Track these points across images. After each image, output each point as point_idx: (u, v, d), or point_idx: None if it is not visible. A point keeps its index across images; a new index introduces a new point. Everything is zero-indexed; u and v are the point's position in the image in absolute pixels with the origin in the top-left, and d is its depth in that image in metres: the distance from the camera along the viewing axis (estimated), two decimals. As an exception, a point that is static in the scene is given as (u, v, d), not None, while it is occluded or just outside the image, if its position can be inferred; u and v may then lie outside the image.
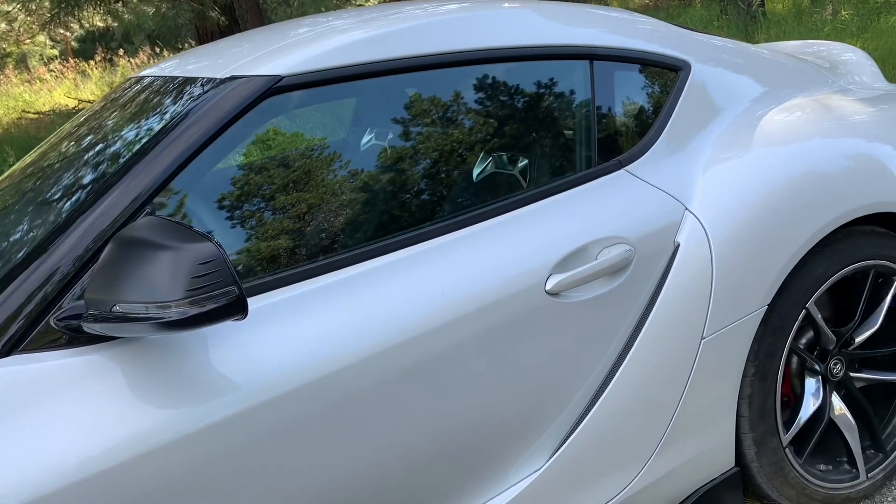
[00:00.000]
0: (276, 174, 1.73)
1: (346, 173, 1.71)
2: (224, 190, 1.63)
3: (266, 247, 1.45)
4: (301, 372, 1.29)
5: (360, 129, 2.08)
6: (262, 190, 1.63)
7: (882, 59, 5.83)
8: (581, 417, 1.57)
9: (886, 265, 1.85)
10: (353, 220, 1.54)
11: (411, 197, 1.61)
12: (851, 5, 8.88)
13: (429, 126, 1.70)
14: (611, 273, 1.56)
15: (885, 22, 7.62)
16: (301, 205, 1.54)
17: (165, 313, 1.08)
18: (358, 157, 2.02)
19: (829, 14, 8.06)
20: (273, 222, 1.50)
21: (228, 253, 1.41)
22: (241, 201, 1.56)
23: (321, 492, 1.33)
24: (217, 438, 1.22)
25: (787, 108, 1.93)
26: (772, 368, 1.72)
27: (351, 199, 1.57)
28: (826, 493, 1.87)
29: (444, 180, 1.64)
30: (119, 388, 1.19)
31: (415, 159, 1.67)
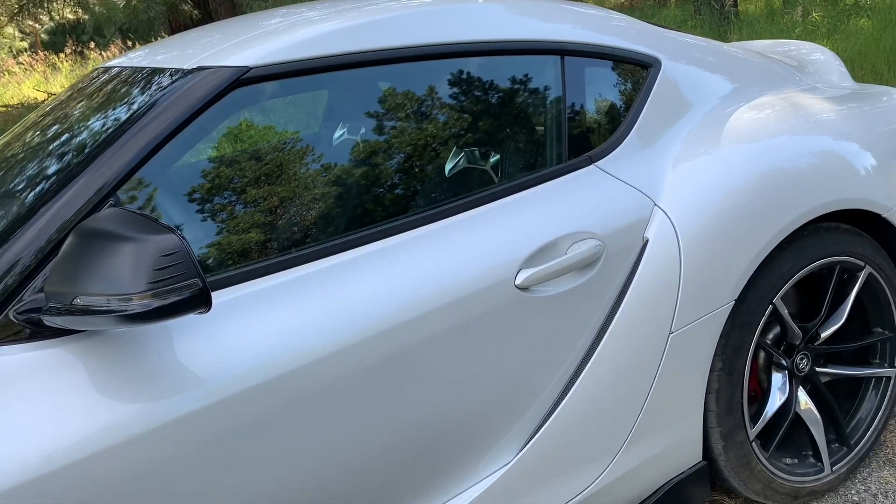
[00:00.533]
0: (245, 167, 1.71)
1: (317, 167, 1.69)
2: (192, 183, 1.61)
3: (233, 240, 1.43)
4: (267, 366, 1.28)
5: (333, 124, 2.07)
6: (231, 183, 1.61)
7: (851, 61, 5.93)
8: (550, 412, 1.57)
9: (851, 261, 1.87)
10: (322, 213, 1.53)
11: (381, 191, 1.60)
12: (822, 7, 9.01)
13: (400, 120, 1.69)
14: (580, 268, 1.57)
15: (854, 24, 7.74)
16: (270, 198, 1.52)
17: (127, 306, 1.06)
18: (329, 150, 2.00)
19: (800, 15, 8.16)
20: (241, 215, 1.48)
21: (196, 246, 1.39)
22: (210, 194, 1.54)
23: (288, 487, 1.32)
24: (182, 433, 1.21)
25: (756, 106, 1.95)
26: (739, 363, 1.74)
27: (320, 192, 1.56)
28: (791, 486, 1.89)
29: (414, 174, 1.64)
30: (82, 383, 1.17)
31: (386, 153, 1.66)
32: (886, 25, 6.81)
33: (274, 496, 1.31)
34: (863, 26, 7.45)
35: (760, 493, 1.87)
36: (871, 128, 2.02)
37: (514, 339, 1.51)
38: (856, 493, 1.97)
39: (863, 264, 1.89)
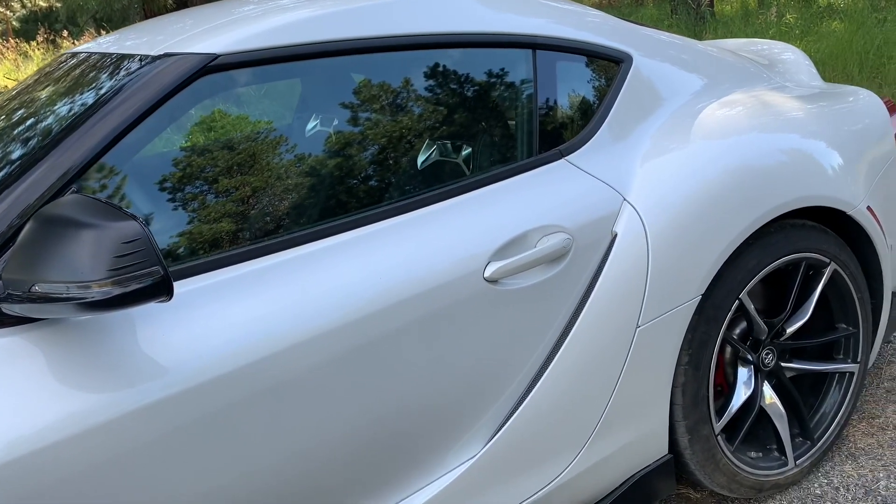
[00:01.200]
0: (215, 157, 1.69)
1: (288, 157, 1.68)
2: (160, 171, 1.59)
3: (201, 229, 1.42)
4: (234, 356, 1.27)
5: (306, 115, 2.05)
6: (201, 172, 1.59)
7: (823, 62, 6.01)
8: (518, 404, 1.58)
9: (817, 258, 1.90)
10: (292, 203, 1.52)
11: (351, 182, 1.60)
12: (796, 9, 9.12)
13: (372, 111, 1.68)
14: (549, 261, 1.57)
15: (827, 26, 7.84)
16: (239, 187, 1.50)
17: (87, 293, 1.05)
18: (301, 141, 1.99)
19: (774, 16, 8.25)
20: (210, 204, 1.47)
21: (163, 235, 1.38)
22: (178, 183, 1.52)
23: (253, 478, 1.31)
24: (143, 423, 1.19)
25: (726, 103, 1.96)
26: (705, 357, 1.76)
27: (290, 182, 1.55)
28: (756, 479, 1.91)
29: (385, 166, 1.63)
30: (41, 372, 1.15)
31: (357, 145, 1.65)
32: (858, 28, 6.91)
33: (238, 487, 1.30)
34: (835, 28, 7.54)
35: (725, 487, 1.89)
36: (838, 127, 2.05)
37: (483, 331, 1.51)
38: (818, 487, 2.00)
39: (828, 261, 1.92)
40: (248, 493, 1.32)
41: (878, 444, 2.12)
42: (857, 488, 1.97)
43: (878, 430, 2.17)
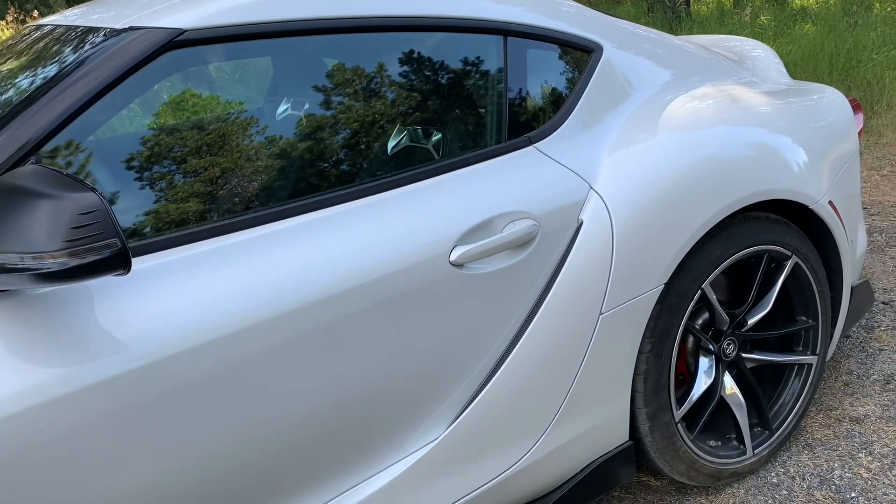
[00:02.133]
0: (178, 136, 1.67)
1: (253, 137, 1.66)
2: (123, 145, 1.58)
3: (161, 206, 1.40)
4: (194, 333, 1.26)
5: (276, 97, 2.04)
6: (164, 150, 1.58)
7: (794, 64, 6.09)
8: (480, 388, 1.58)
9: (779, 251, 1.92)
10: (256, 183, 1.50)
11: (318, 163, 1.59)
12: (770, 11, 9.22)
13: (342, 95, 1.67)
14: (515, 247, 1.58)
15: (800, 29, 7.95)
16: (204, 165, 1.49)
17: (42, 264, 1.03)
18: (271, 123, 1.97)
19: (748, 17, 8.34)
20: (171, 182, 1.45)
21: (125, 210, 1.36)
22: (141, 159, 1.50)
23: (211, 458, 1.30)
24: (100, 399, 1.18)
25: (695, 96, 1.98)
26: (667, 346, 1.78)
27: (254, 162, 1.54)
28: (715, 467, 1.94)
29: (353, 148, 1.62)
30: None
31: (326, 128, 1.64)
32: (830, 31, 7.01)
33: (196, 467, 1.29)
34: (808, 31, 7.65)
35: (684, 474, 1.92)
36: (803, 123, 2.08)
37: (447, 315, 1.51)
38: (775, 476, 2.04)
39: (790, 254, 1.95)
40: (208, 473, 1.31)
41: (834, 435, 2.16)
42: (813, 477, 2.01)
43: (834, 421, 2.22)
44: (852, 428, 2.18)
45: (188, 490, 1.30)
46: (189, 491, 1.30)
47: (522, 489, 1.69)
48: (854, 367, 2.47)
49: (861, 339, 2.63)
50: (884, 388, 2.34)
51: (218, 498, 1.34)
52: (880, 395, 2.31)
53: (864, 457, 2.06)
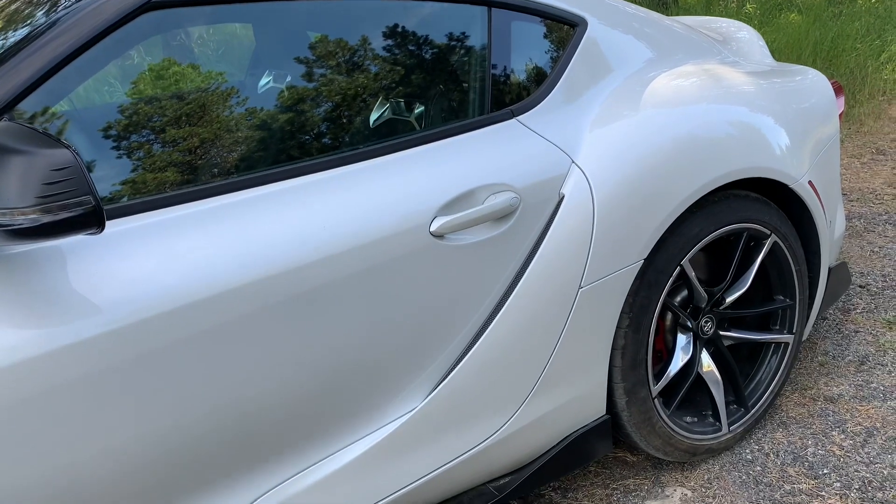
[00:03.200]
0: (161, 102, 1.65)
1: (234, 105, 1.65)
2: (102, 113, 1.55)
3: (139, 170, 1.38)
4: (168, 298, 1.24)
5: (258, 69, 2.02)
6: (142, 116, 1.56)
7: (779, 51, 6.11)
8: (459, 359, 1.58)
9: (758, 229, 1.94)
10: (236, 150, 1.49)
11: (299, 130, 1.58)
12: (755, 0, 9.25)
13: (324, 65, 1.66)
14: (496, 219, 1.57)
15: (785, 18, 7.97)
16: (184, 127, 1.47)
17: (13, 220, 1.02)
18: (253, 93, 1.95)
19: (734, 4, 8.36)
20: (149, 147, 1.43)
21: (101, 170, 1.34)
22: (124, 121, 1.48)
23: (186, 423, 1.29)
24: (73, 361, 1.17)
25: (678, 74, 1.98)
26: (645, 321, 1.78)
27: (236, 128, 1.52)
28: (690, 443, 1.96)
29: (335, 118, 1.61)
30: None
31: (306, 97, 1.63)
32: (815, 20, 7.04)
33: (171, 432, 1.29)
34: (793, 20, 7.67)
35: (660, 449, 1.93)
36: (786, 104, 2.09)
37: (427, 285, 1.51)
38: (749, 453, 2.06)
39: (769, 233, 1.96)
40: (183, 439, 1.30)
41: (808, 413, 2.18)
42: (787, 454, 2.04)
43: (809, 400, 2.24)
44: (826, 407, 2.20)
45: (163, 455, 1.29)
46: (164, 456, 1.29)
47: (499, 461, 1.70)
48: (830, 348, 2.50)
49: (837, 321, 2.66)
50: (858, 369, 2.36)
51: (193, 464, 1.33)
52: (854, 375, 2.34)
53: (838, 435, 2.08)
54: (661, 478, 2.01)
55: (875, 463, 1.97)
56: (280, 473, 1.44)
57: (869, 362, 2.39)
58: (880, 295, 2.80)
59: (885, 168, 4.19)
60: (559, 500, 1.97)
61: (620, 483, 2.01)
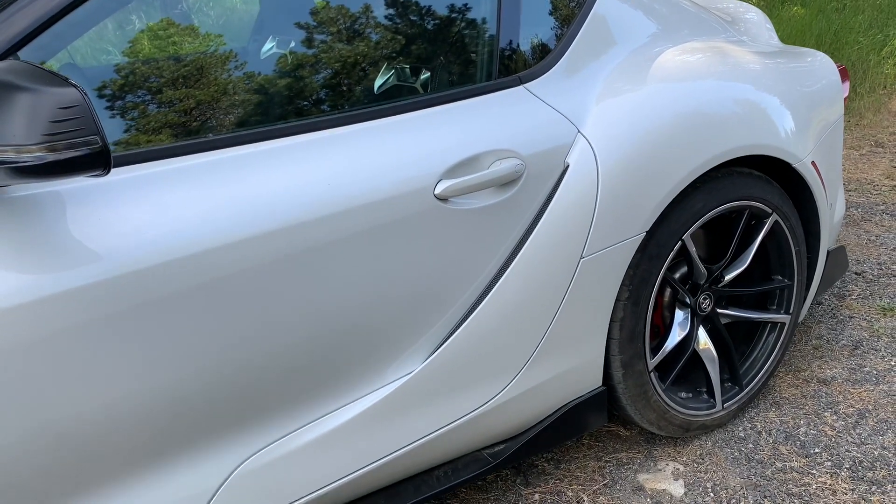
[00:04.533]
0: (166, 59, 1.64)
1: (241, 63, 1.63)
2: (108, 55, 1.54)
3: (146, 115, 1.37)
4: (169, 249, 1.24)
5: (261, 34, 2.01)
6: (150, 68, 1.54)
7: (782, 42, 6.10)
8: (459, 324, 1.58)
9: (760, 207, 1.94)
10: (244, 101, 1.48)
11: (306, 88, 1.56)
12: (760, -9, 9.22)
13: (330, 28, 1.64)
14: (500, 185, 1.57)
15: (788, 11, 7.96)
16: (188, 77, 1.46)
17: (19, 157, 1.00)
18: (257, 53, 1.94)
19: (739, -6, 8.32)
20: (155, 89, 1.42)
21: (108, 117, 1.33)
22: (127, 68, 1.47)
23: (183, 375, 1.29)
24: (72, 308, 1.16)
25: (686, 49, 1.97)
26: (644, 294, 1.79)
27: (244, 81, 1.51)
28: (684, 418, 1.97)
29: (343, 76, 1.60)
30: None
31: (314, 56, 1.61)
32: (818, 13, 7.03)
33: (167, 385, 1.28)
34: (795, 13, 7.66)
35: (654, 423, 1.94)
36: (792, 84, 2.08)
37: (429, 248, 1.50)
38: (742, 430, 2.07)
39: (770, 211, 1.96)
40: (179, 392, 1.30)
41: (801, 395, 2.20)
42: (779, 433, 2.05)
43: (802, 382, 2.25)
44: (819, 389, 2.22)
45: (158, 408, 1.29)
46: (159, 409, 1.29)
47: (495, 427, 1.70)
48: (824, 332, 2.51)
49: (833, 306, 2.67)
50: (852, 353, 2.38)
51: (189, 417, 1.33)
52: (848, 359, 2.35)
53: (830, 416, 2.10)
54: (654, 452, 2.02)
55: (866, 444, 1.98)
56: (276, 430, 1.44)
57: (862, 347, 2.41)
58: (875, 282, 2.81)
59: (883, 160, 4.20)
60: (552, 470, 1.98)
61: (613, 456, 2.02)
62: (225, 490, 1.39)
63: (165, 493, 1.34)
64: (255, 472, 1.42)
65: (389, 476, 1.61)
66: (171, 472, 1.34)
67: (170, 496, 1.34)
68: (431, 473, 1.69)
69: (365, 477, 1.54)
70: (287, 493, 1.46)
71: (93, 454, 1.25)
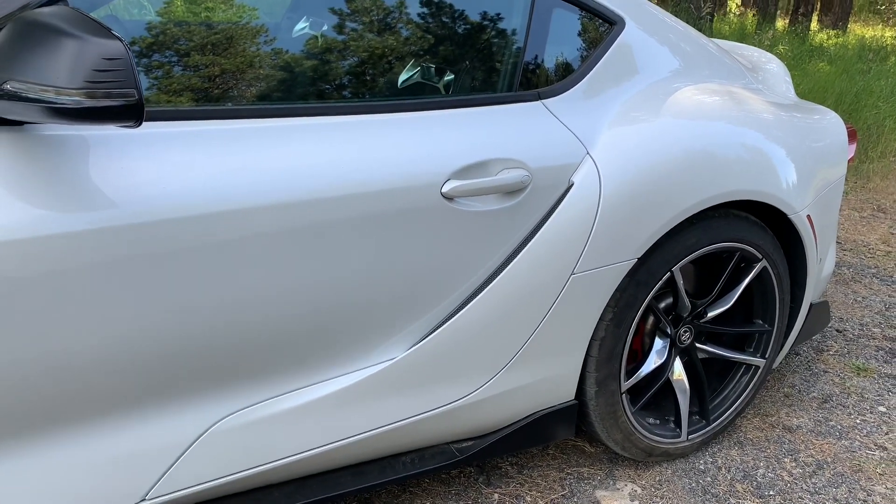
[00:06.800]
0: (204, 24, 1.69)
1: (275, 34, 1.69)
2: (148, 24, 1.59)
3: (170, 74, 1.43)
4: (185, 205, 1.29)
5: (296, 10, 2.06)
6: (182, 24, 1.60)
7: (802, 94, 6.16)
8: (446, 319, 1.64)
9: (751, 251, 2.00)
10: (268, 76, 1.54)
11: (331, 71, 1.62)
12: (790, 42, 9.30)
13: (364, 14, 1.70)
14: (505, 192, 1.63)
15: (814, 66, 8.04)
16: (217, 45, 1.51)
17: (58, 99, 1.06)
18: (290, 29, 2.00)
19: (768, 42, 8.41)
20: (183, 52, 1.47)
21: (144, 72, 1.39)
22: (160, 27, 1.52)
23: (176, 327, 1.34)
24: (86, 247, 1.21)
25: (704, 89, 2.04)
26: (628, 318, 1.85)
27: (270, 56, 1.56)
28: (649, 443, 2.03)
29: (369, 66, 1.66)
30: (-8, 175, 1.16)
31: (344, 42, 1.67)
32: (843, 72, 7.11)
33: (161, 336, 1.33)
34: (821, 69, 7.74)
35: (619, 444, 2.00)
36: (800, 138, 2.15)
37: (429, 242, 1.56)
38: (703, 463, 2.13)
39: (760, 257, 2.02)
40: (171, 344, 1.35)
41: (765, 438, 2.26)
42: (738, 471, 2.11)
43: (768, 426, 2.32)
44: (783, 435, 2.28)
45: (150, 355, 1.34)
46: (150, 356, 1.34)
47: (464, 424, 1.76)
48: (797, 381, 2.57)
49: (809, 358, 2.73)
50: (821, 406, 2.44)
51: (175, 369, 1.38)
52: (816, 411, 2.41)
53: (789, 462, 2.16)
54: (615, 472, 2.08)
55: (819, 493, 2.04)
56: (256, 394, 1.49)
57: (832, 401, 2.47)
58: (855, 342, 2.87)
59: (882, 225, 4.27)
60: (514, 474, 2.04)
61: (575, 469, 2.08)
62: (200, 444, 1.44)
63: (144, 436, 1.39)
64: (230, 431, 1.47)
65: (357, 455, 1.67)
66: (154, 419, 1.40)
67: (148, 440, 1.40)
68: (398, 459, 1.74)
69: (334, 452, 1.60)
70: (258, 455, 1.52)
71: (82, 390, 1.30)
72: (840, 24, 14.00)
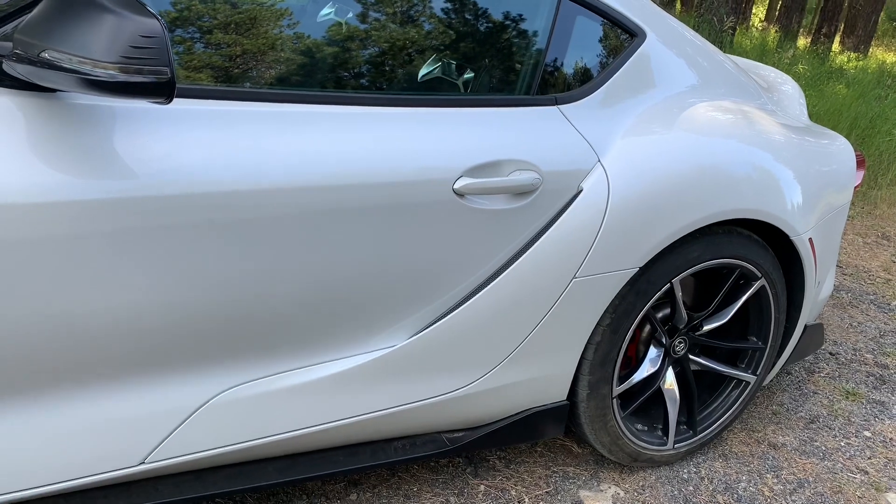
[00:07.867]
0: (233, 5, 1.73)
1: (299, 18, 1.72)
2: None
3: (191, 50, 1.46)
4: (201, 182, 1.32)
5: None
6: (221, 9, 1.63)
7: (817, 115, 6.18)
8: (447, 312, 1.68)
9: (751, 269, 2.03)
10: (289, 59, 1.57)
11: (352, 60, 1.66)
12: (809, 62, 9.29)
13: (390, 5, 1.73)
14: (515, 193, 1.66)
15: (832, 88, 8.04)
16: (240, 24, 1.54)
17: (93, 71, 1.10)
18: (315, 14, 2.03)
19: (789, 59, 8.41)
20: (206, 29, 1.50)
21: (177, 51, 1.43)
22: (185, 2, 1.55)
23: (185, 299, 1.38)
24: (100, 215, 1.25)
25: (718, 106, 2.07)
26: (625, 324, 1.89)
27: (293, 40, 1.60)
28: (635, 448, 2.07)
29: (390, 58, 1.69)
30: (18, 139, 1.20)
31: (367, 32, 1.71)
32: (860, 96, 7.12)
33: (169, 302, 1.37)
34: (838, 92, 7.74)
35: (606, 447, 2.04)
36: (809, 162, 2.18)
37: (437, 236, 1.60)
38: (686, 473, 2.18)
39: (760, 275, 2.06)
40: (171, 317, 1.38)
41: (750, 453, 2.30)
42: (720, 483, 2.15)
43: (754, 442, 2.36)
44: (768, 452, 2.32)
45: (159, 323, 1.38)
46: (160, 324, 1.38)
47: (457, 415, 1.80)
48: (786, 400, 2.61)
49: (800, 378, 2.77)
50: (807, 426, 2.48)
51: (183, 339, 1.42)
52: (802, 430, 2.45)
53: (771, 478, 2.20)
54: (600, 474, 2.12)
55: (798, 511, 2.09)
56: (259, 370, 1.54)
57: (818, 423, 2.51)
58: (847, 366, 2.91)
59: (885, 252, 4.30)
60: (502, 467, 2.09)
61: (561, 468, 2.12)
62: (201, 413, 1.49)
63: (147, 402, 1.44)
64: (231, 403, 1.52)
65: (351, 436, 1.71)
66: (157, 386, 1.44)
67: (150, 407, 1.44)
68: (390, 443, 1.79)
69: (330, 432, 1.65)
70: (256, 429, 1.56)
71: (91, 352, 1.35)
72: (862, 46, 13.96)
